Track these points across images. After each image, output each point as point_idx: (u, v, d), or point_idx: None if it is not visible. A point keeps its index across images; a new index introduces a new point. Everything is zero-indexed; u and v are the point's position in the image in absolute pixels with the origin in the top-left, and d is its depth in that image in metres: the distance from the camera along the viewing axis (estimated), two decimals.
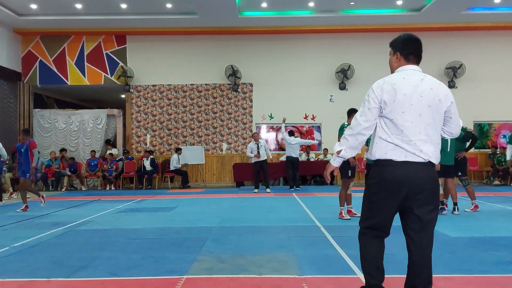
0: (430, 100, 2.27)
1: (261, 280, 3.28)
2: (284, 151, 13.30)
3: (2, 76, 12.40)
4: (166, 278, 3.37)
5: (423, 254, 2.28)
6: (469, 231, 5.19)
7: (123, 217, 6.75)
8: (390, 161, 2.27)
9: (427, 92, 2.28)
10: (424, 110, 2.25)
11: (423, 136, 2.25)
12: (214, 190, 11.51)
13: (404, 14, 11.97)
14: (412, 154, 2.23)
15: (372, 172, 2.38)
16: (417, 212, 2.25)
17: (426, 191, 2.25)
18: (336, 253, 4.09)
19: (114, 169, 12.66)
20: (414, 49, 2.40)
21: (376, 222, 2.38)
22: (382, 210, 2.32)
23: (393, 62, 2.46)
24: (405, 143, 2.24)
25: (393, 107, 2.26)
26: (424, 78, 2.32)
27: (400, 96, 2.25)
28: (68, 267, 3.72)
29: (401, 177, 2.23)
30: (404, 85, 2.28)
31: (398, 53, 2.43)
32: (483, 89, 13.07)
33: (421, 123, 2.25)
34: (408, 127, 2.24)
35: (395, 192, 2.26)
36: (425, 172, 2.25)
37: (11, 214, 7.34)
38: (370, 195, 2.40)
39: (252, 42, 13.44)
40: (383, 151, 2.30)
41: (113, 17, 12.17)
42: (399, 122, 2.25)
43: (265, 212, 7.04)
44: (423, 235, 2.27)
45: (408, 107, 2.25)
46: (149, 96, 13.46)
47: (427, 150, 2.25)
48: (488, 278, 3.29)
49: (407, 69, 2.38)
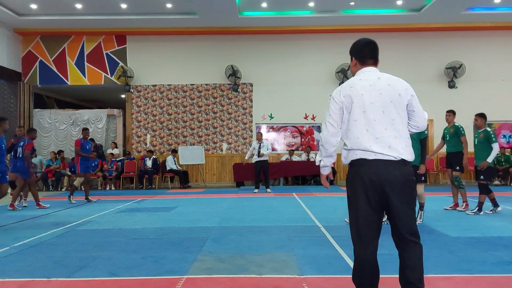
0: (391, 96, 2.28)
1: (261, 280, 3.28)
2: (286, 151, 13.33)
3: (2, 76, 12.41)
4: (166, 278, 3.37)
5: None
6: (469, 231, 5.18)
7: (123, 217, 6.75)
8: (363, 160, 2.28)
9: (386, 88, 2.30)
10: (386, 107, 2.27)
11: (391, 132, 2.26)
12: (214, 190, 11.51)
13: (404, 14, 11.97)
14: (380, 153, 2.24)
15: (348, 173, 2.41)
16: (394, 211, 2.25)
17: (400, 189, 2.23)
18: (336, 253, 4.09)
19: (114, 169, 12.67)
20: (368, 52, 2.42)
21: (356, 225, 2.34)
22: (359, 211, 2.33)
23: (352, 68, 2.52)
24: (371, 141, 2.25)
25: (353, 108, 2.30)
26: (381, 77, 2.35)
27: (358, 96, 2.29)
28: (68, 267, 3.72)
29: (374, 175, 2.23)
30: (361, 85, 2.32)
31: (353, 58, 2.48)
32: (483, 89, 13.07)
33: (386, 119, 2.27)
34: (373, 125, 2.26)
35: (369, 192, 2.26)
36: (398, 170, 2.24)
37: (11, 214, 7.35)
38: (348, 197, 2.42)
39: (252, 42, 13.45)
40: (351, 154, 2.34)
41: (113, 17, 12.17)
42: (362, 122, 2.28)
43: (265, 212, 7.04)
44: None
45: (369, 106, 2.27)
46: (149, 96, 13.46)
47: (397, 145, 2.25)
48: (488, 278, 3.29)
49: (364, 71, 2.42)
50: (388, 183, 2.21)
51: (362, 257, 2.30)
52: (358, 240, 2.31)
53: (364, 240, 2.29)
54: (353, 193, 2.32)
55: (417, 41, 12.97)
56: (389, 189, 2.21)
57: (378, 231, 2.32)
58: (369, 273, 2.30)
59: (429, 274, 3.36)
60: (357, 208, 2.29)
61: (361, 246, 2.30)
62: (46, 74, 13.37)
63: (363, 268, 2.30)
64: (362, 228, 2.29)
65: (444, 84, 13.10)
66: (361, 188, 2.26)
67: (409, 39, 13.05)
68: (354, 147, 2.31)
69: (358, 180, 2.28)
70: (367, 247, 2.29)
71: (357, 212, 2.30)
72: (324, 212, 6.85)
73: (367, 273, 2.29)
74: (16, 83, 13.06)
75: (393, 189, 2.21)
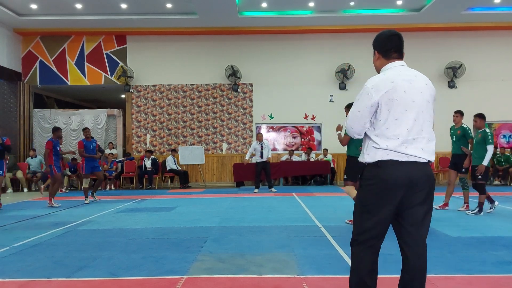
0: (429, 96, 2.21)
1: (261, 280, 3.28)
2: (286, 151, 13.33)
3: (2, 76, 12.40)
4: (166, 278, 3.37)
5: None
6: (469, 231, 5.18)
7: (123, 217, 6.75)
8: (393, 161, 2.14)
9: (425, 88, 2.20)
10: (425, 107, 2.17)
11: (425, 134, 2.17)
12: (214, 190, 11.51)
13: (404, 14, 11.97)
14: (413, 156, 2.13)
15: (370, 173, 2.24)
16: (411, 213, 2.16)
17: (427, 193, 2.17)
18: (336, 253, 4.09)
19: (114, 169, 12.66)
20: (393, 45, 2.27)
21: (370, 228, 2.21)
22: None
23: (375, 62, 2.36)
24: (407, 142, 2.13)
25: (395, 105, 2.14)
26: (417, 74, 2.24)
27: (401, 93, 2.13)
28: (68, 267, 3.72)
29: (404, 178, 2.12)
30: (401, 81, 2.16)
31: (376, 52, 2.32)
32: (483, 89, 13.07)
33: (423, 120, 2.17)
34: (413, 126, 2.14)
35: (393, 194, 2.14)
36: (427, 172, 2.16)
37: (11, 214, 7.34)
38: (365, 199, 2.25)
39: (252, 42, 13.45)
40: (381, 153, 2.18)
41: (113, 17, 12.17)
42: (404, 121, 2.13)
43: (265, 212, 7.04)
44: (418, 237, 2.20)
45: (411, 105, 2.14)
46: (149, 96, 13.46)
47: (429, 148, 2.18)
48: (488, 278, 3.29)
49: (397, 65, 2.25)
50: (417, 186, 2.12)
51: (364, 262, 2.19)
52: (363, 244, 2.19)
53: (371, 244, 2.18)
54: (374, 195, 2.16)
55: (417, 41, 12.98)
56: (417, 191, 2.12)
57: (384, 236, 2.23)
58: (370, 279, 2.19)
59: (429, 274, 3.36)
60: (377, 211, 2.15)
61: (366, 250, 2.19)
62: (46, 74, 13.36)
63: (363, 273, 2.19)
64: (373, 231, 2.17)
65: (444, 84, 13.09)
66: (386, 191, 2.12)
67: (409, 39, 12.93)
68: (391, 146, 2.13)
69: (384, 182, 2.12)
70: (374, 253, 2.20)
71: (375, 215, 2.15)
72: (324, 212, 6.84)
73: (368, 279, 2.19)
74: (16, 83, 13.05)
75: (421, 192, 2.13)
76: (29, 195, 10.98)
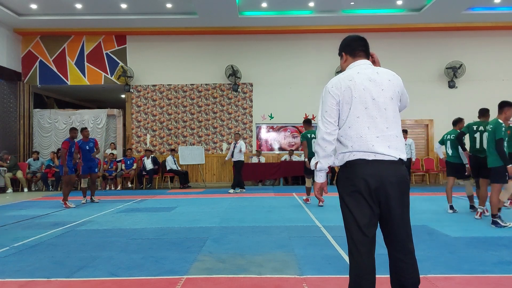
0: (392, 92, 2.16)
1: (261, 280, 3.28)
2: (285, 151, 13.32)
3: (2, 76, 12.40)
4: (166, 278, 3.37)
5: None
6: (470, 231, 5.18)
7: (123, 217, 6.75)
8: (361, 160, 2.11)
9: (387, 84, 2.16)
10: (387, 103, 2.14)
11: (392, 131, 2.12)
12: (214, 190, 11.51)
13: (404, 14, 11.97)
14: (381, 154, 2.08)
15: (341, 176, 2.21)
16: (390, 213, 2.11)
17: (400, 192, 2.10)
18: (336, 253, 4.09)
19: (114, 169, 12.66)
20: (359, 45, 2.29)
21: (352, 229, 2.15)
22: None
23: (342, 65, 2.36)
24: (372, 141, 2.09)
25: (354, 103, 2.12)
26: (379, 71, 2.20)
27: (359, 91, 2.12)
28: (68, 267, 3.72)
29: (373, 176, 2.07)
30: (360, 79, 2.15)
31: (343, 54, 2.34)
32: (483, 89, 13.06)
33: (386, 116, 2.13)
34: (376, 123, 2.11)
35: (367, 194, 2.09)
36: (398, 171, 2.10)
37: (11, 214, 7.34)
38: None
39: (252, 42, 13.44)
40: (348, 154, 2.15)
41: (113, 17, 12.17)
42: (365, 119, 2.11)
43: (265, 212, 7.04)
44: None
45: (371, 102, 2.12)
46: (149, 96, 13.46)
47: (397, 145, 2.13)
48: (489, 278, 3.29)
49: (358, 64, 2.25)
50: (389, 184, 2.06)
51: (362, 265, 2.11)
52: (356, 250, 2.11)
53: (360, 247, 2.10)
54: (347, 195, 2.14)
55: (417, 41, 12.97)
56: (390, 191, 2.06)
57: (374, 238, 2.13)
58: (367, 282, 2.09)
59: (429, 274, 3.36)
60: (357, 213, 2.10)
61: (361, 254, 2.10)
62: (46, 74, 13.36)
63: (362, 275, 2.10)
64: (359, 235, 2.10)
65: (444, 84, 13.09)
66: (359, 190, 2.08)
67: (409, 39, 13.05)
68: (355, 146, 2.12)
69: (355, 181, 2.09)
70: (369, 254, 2.11)
71: (357, 218, 2.10)
72: (324, 212, 6.84)
73: (365, 282, 2.09)
74: (16, 83, 13.05)
75: (393, 191, 2.07)
76: (29, 195, 10.98)
